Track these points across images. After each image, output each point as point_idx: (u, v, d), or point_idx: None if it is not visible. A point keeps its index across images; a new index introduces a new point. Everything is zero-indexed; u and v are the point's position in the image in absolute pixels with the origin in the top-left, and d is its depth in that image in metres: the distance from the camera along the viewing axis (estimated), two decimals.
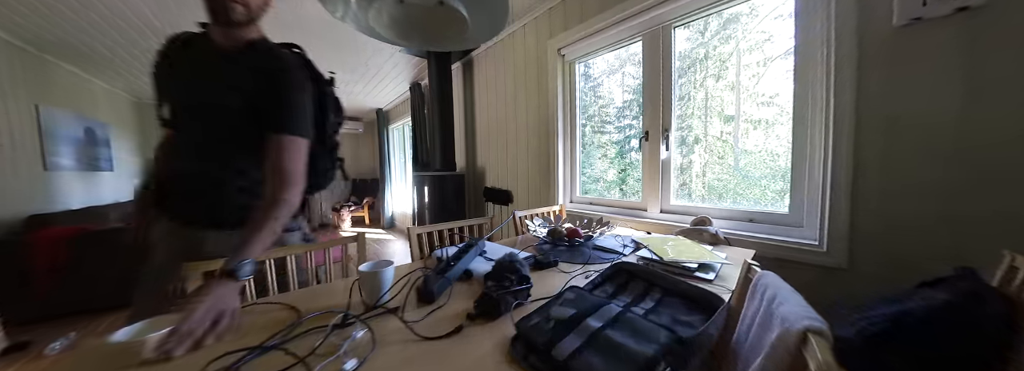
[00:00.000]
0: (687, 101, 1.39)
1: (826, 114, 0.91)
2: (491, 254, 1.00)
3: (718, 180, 1.35)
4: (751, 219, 1.13)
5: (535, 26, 1.90)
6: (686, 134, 1.39)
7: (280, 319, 0.66)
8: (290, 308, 0.70)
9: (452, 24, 0.62)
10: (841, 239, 0.89)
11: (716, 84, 1.35)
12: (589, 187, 1.83)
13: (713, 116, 1.37)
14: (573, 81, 1.79)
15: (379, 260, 0.78)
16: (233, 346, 0.52)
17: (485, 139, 2.46)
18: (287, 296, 0.78)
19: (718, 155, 1.35)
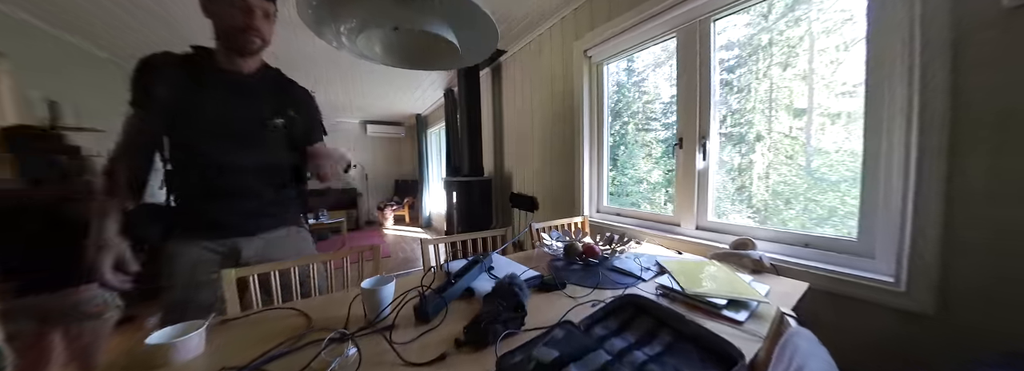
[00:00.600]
0: (746, 94, 1.20)
1: (908, 113, 0.73)
2: (500, 270, 0.97)
3: (785, 184, 1.14)
4: (807, 244, 0.95)
5: (560, 28, 1.83)
6: (745, 131, 1.20)
7: (295, 325, 0.72)
8: (303, 315, 0.76)
9: (442, 49, 0.61)
10: (927, 276, 0.70)
11: (783, 73, 1.14)
12: (630, 189, 1.69)
13: (779, 110, 1.18)
14: (601, 84, 1.69)
15: (382, 276, 0.80)
16: (232, 361, 0.57)
17: (512, 144, 2.44)
18: (309, 302, 0.85)
19: (786, 154, 1.14)
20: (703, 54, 1.20)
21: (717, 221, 1.21)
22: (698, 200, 1.25)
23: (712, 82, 1.19)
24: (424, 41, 0.63)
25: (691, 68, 1.23)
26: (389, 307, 0.73)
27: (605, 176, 1.73)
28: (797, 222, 1.09)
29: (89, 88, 2.17)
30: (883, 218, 0.79)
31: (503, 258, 1.08)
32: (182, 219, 0.83)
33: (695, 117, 1.22)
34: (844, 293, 0.82)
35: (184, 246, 0.82)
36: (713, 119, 1.20)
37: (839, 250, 0.88)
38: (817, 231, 0.97)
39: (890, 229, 0.77)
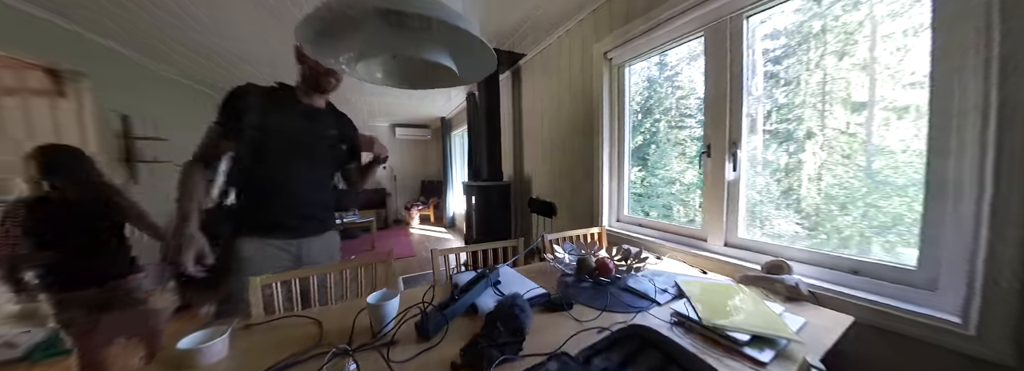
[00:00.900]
0: (795, 87, 1.07)
1: (984, 109, 0.61)
2: (507, 285, 0.96)
3: (840, 186, 1.00)
4: (855, 270, 0.83)
5: (579, 30, 1.77)
6: (793, 127, 1.08)
7: (308, 334, 0.75)
8: (317, 323, 0.79)
9: (441, 73, 0.60)
10: (1005, 318, 0.58)
11: (839, 63, 1.00)
12: (661, 190, 1.59)
13: (834, 103, 1.04)
14: (622, 87, 1.60)
15: (386, 291, 0.82)
16: (250, 367, 0.61)
17: (531, 149, 2.41)
18: (326, 310, 0.88)
19: (842, 153, 1.00)
20: (734, 54, 1.09)
21: (749, 238, 1.10)
22: (727, 214, 1.14)
23: (745, 85, 1.08)
24: (423, 65, 0.63)
25: (721, 70, 1.13)
26: (393, 322, 0.74)
27: (626, 184, 1.65)
28: (854, 230, 0.95)
29: (157, 103, 2.46)
30: (950, 240, 0.67)
31: (512, 271, 1.06)
32: (252, 220, 0.95)
33: (725, 123, 1.12)
34: (897, 331, 0.71)
35: (254, 244, 0.95)
36: (745, 126, 1.09)
37: (894, 279, 0.76)
38: (867, 256, 0.85)
39: (958, 254, 0.65)
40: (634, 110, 1.64)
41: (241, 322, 0.79)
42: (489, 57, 0.60)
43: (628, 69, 1.59)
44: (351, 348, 0.66)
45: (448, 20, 0.49)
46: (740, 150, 1.10)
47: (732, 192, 1.13)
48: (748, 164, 1.12)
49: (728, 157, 1.12)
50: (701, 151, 1.22)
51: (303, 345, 0.68)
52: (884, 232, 0.88)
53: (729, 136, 1.12)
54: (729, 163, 1.12)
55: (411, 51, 0.52)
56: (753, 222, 1.14)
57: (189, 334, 0.67)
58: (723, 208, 1.14)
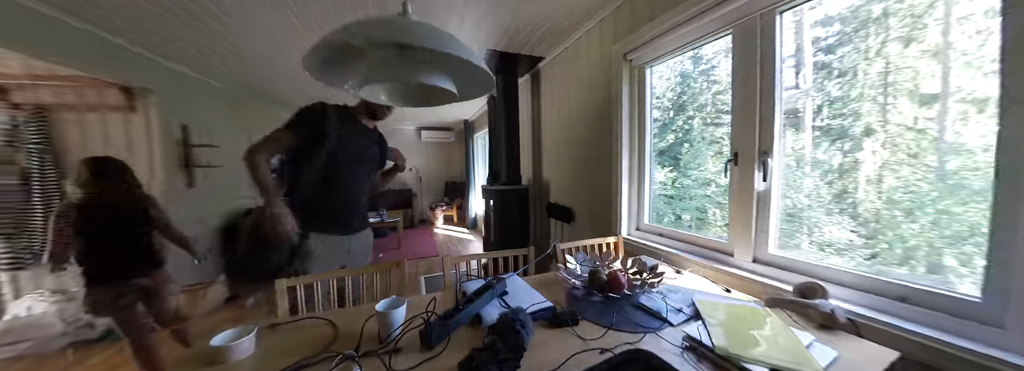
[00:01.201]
0: (850, 78, 0.96)
1: None
2: (514, 296, 0.95)
3: (906, 189, 0.87)
4: (904, 298, 0.73)
5: (599, 30, 1.71)
6: (849, 123, 0.97)
7: (324, 335, 0.79)
8: (333, 326, 0.84)
9: (440, 93, 0.62)
10: None
11: (904, 50, 0.87)
12: (694, 192, 1.49)
13: (899, 95, 0.91)
14: (643, 89, 1.53)
15: (395, 298, 0.85)
16: (271, 365, 0.66)
17: (550, 152, 2.38)
18: (344, 311, 0.93)
19: (907, 152, 0.87)
20: (766, 53, 1.00)
21: (780, 255, 1.00)
22: (756, 228, 1.05)
23: (777, 87, 0.99)
24: (423, 86, 0.65)
25: (750, 70, 1.04)
26: (399, 329, 0.77)
27: (647, 191, 1.57)
28: (922, 239, 0.83)
29: (207, 111, 2.72)
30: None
31: (521, 282, 1.05)
32: (318, 217, 1.12)
33: (754, 128, 1.03)
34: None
35: (319, 237, 1.13)
36: (777, 132, 1.00)
37: (953, 312, 0.66)
38: (920, 280, 0.74)
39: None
40: (665, 107, 1.56)
41: (266, 323, 0.86)
42: (487, 78, 0.61)
43: (650, 70, 1.52)
44: (357, 354, 0.69)
45: (449, 51, 0.49)
46: (771, 158, 1.01)
47: (762, 203, 1.04)
48: (791, 166, 1.03)
49: (758, 165, 1.03)
50: (727, 159, 1.13)
51: (318, 346, 0.72)
52: (958, 243, 0.76)
53: (759, 143, 1.03)
54: (758, 172, 1.03)
55: (413, 77, 0.53)
56: (795, 234, 1.04)
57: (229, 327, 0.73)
58: (752, 221, 1.05)
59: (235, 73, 2.53)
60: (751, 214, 1.05)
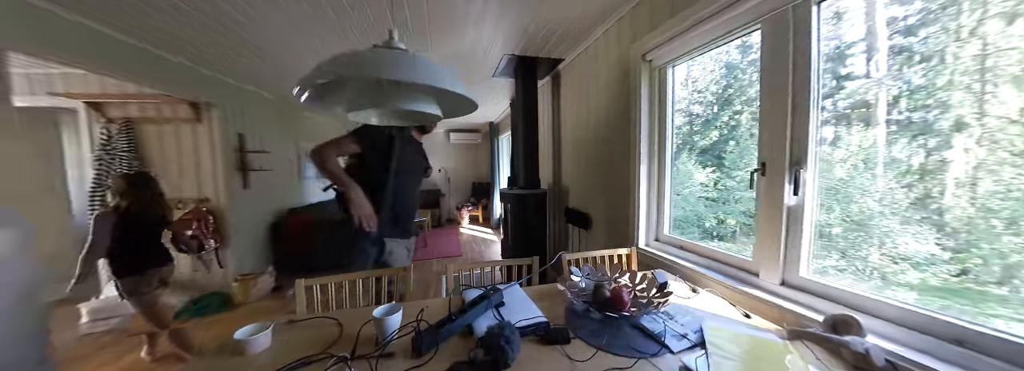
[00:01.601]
0: (936, 64, 0.81)
1: None
2: (511, 307, 0.95)
3: (1008, 195, 0.71)
4: (960, 341, 0.61)
5: (617, 30, 1.63)
6: (933, 116, 0.82)
7: (332, 334, 0.85)
8: (339, 325, 0.90)
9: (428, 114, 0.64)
10: None
11: (1006, 28, 0.71)
12: (740, 194, 1.32)
13: (1000, 82, 0.76)
14: (663, 91, 1.44)
15: (393, 304, 0.88)
16: (283, 359, 0.72)
17: (569, 156, 2.33)
18: (356, 311, 0.99)
19: (1010, 149, 0.70)
20: (800, 50, 0.89)
21: (813, 279, 0.89)
22: (786, 247, 0.94)
23: (813, 88, 0.87)
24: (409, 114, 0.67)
25: (780, 70, 0.92)
26: (394, 334, 0.80)
27: (667, 199, 1.47)
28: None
29: (259, 121, 3.04)
30: None
31: (521, 293, 1.04)
32: (384, 220, 1.28)
33: (784, 135, 0.92)
34: None
35: (393, 241, 1.33)
36: (813, 139, 0.88)
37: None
38: (985, 323, 0.61)
39: None
40: (708, 102, 1.44)
41: (285, 319, 0.94)
42: (467, 101, 0.61)
43: (672, 70, 1.42)
44: (351, 357, 0.73)
45: (417, 81, 0.51)
46: (804, 170, 0.89)
47: (793, 220, 0.92)
48: (858, 166, 0.90)
49: (788, 177, 0.92)
50: (754, 169, 1.02)
51: (325, 344, 0.78)
52: None
53: (790, 152, 0.92)
54: (788, 185, 0.92)
55: (392, 104, 0.56)
56: (849, 250, 0.91)
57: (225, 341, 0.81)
58: (781, 239, 0.94)
59: (283, 87, 2.81)
60: (780, 231, 0.94)
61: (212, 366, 0.74)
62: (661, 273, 1.17)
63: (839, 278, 0.89)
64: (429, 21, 1.65)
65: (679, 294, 1.05)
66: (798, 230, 0.91)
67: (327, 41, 1.84)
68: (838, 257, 0.93)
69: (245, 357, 0.76)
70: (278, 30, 1.70)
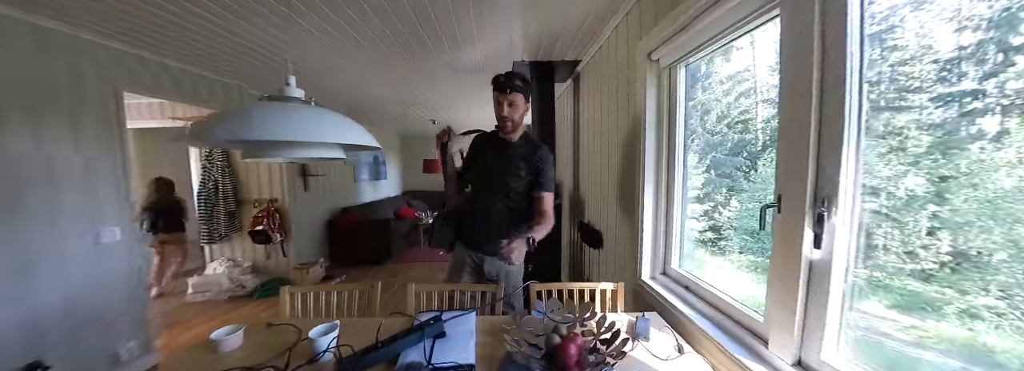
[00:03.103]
0: None
1: None
2: (451, 339, 0.90)
3: None
4: None
5: (625, 25, 1.41)
6: None
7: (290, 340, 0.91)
8: (300, 332, 0.97)
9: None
10: None
11: None
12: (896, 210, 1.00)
13: None
14: (673, 95, 1.19)
15: (331, 324, 0.91)
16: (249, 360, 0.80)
17: (585, 165, 2.12)
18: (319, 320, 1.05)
19: None
20: (832, 43, 0.62)
21: (841, 362, 0.62)
22: (805, 314, 0.68)
23: (848, 92, 0.60)
24: None
25: (803, 69, 0.66)
26: (322, 353, 0.82)
27: (676, 227, 1.22)
28: None
29: None
30: None
31: (471, 324, 0.98)
32: (460, 231, 1.30)
33: (807, 157, 0.66)
34: None
35: (458, 247, 1.31)
36: (848, 165, 0.61)
37: None
38: None
39: None
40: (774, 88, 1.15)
41: (266, 321, 1.05)
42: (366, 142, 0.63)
43: (684, 70, 1.16)
44: (281, 368, 0.78)
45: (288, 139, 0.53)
46: (834, 210, 0.62)
47: (816, 280, 0.66)
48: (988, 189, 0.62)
49: (809, 221, 0.65)
50: (766, 204, 0.77)
51: (280, 350, 0.84)
52: None
53: (814, 183, 0.65)
54: (808, 230, 0.65)
55: (286, 155, 0.58)
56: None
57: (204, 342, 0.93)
58: (797, 302, 0.68)
59: (334, 102, 3.22)
60: (796, 292, 0.68)
61: (186, 361, 0.86)
62: (647, 320, 0.98)
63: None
64: (434, 39, 1.68)
65: (655, 351, 0.85)
66: (822, 294, 0.65)
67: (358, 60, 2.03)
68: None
69: (217, 354, 0.87)
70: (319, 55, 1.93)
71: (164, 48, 1.75)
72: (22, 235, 1.39)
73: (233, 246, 2.94)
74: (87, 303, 1.60)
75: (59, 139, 1.50)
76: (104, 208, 1.66)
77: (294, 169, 3.05)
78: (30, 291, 1.41)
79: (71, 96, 1.53)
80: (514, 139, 1.24)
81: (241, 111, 0.60)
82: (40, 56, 1.44)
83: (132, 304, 1.79)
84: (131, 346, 1.78)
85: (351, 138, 0.68)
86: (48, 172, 1.46)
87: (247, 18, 1.42)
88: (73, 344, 1.54)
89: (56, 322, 1.48)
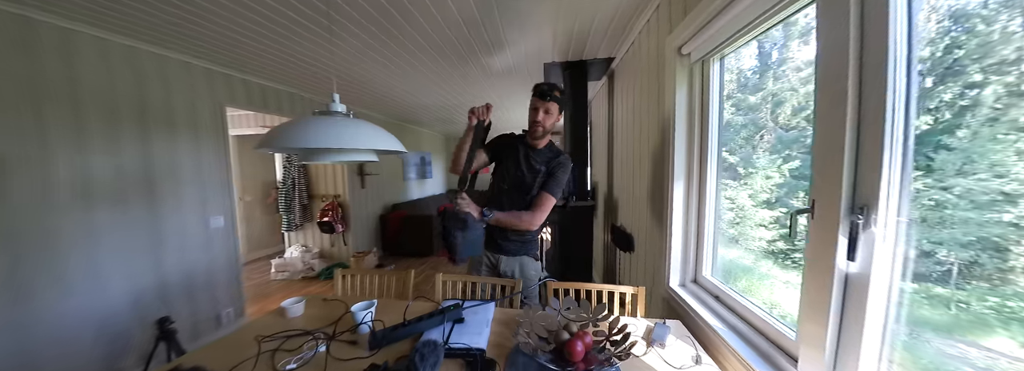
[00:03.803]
0: None
1: None
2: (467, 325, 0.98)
3: None
4: None
5: (656, 21, 1.35)
6: None
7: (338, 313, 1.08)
8: (345, 305, 1.14)
9: None
10: None
11: None
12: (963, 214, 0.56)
13: None
14: (705, 92, 1.11)
15: (371, 301, 1.05)
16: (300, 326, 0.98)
17: (618, 167, 2.06)
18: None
19: None
20: (872, 29, 0.55)
21: None
22: (839, 333, 0.61)
23: (891, 84, 0.53)
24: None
25: (840, 60, 0.60)
26: (361, 325, 0.96)
27: (708, 232, 1.14)
28: None
29: None
30: None
31: (489, 313, 1.04)
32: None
33: (841, 158, 0.59)
34: None
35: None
36: (891, 169, 0.54)
37: None
38: None
39: None
40: (920, 72, 1.00)
41: (323, 296, 1.25)
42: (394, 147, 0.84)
43: (718, 64, 1.08)
44: (329, 335, 0.93)
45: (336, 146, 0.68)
46: (874, 218, 0.55)
47: (853, 297, 0.59)
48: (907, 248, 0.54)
49: (842, 228, 0.59)
50: (795, 210, 0.70)
51: (330, 320, 1.01)
52: None
53: (852, 188, 0.58)
54: (842, 239, 0.59)
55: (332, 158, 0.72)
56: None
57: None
58: (829, 318, 0.61)
59: (387, 108, 3.56)
60: (827, 307, 0.61)
61: (265, 323, 1.07)
62: (666, 327, 0.95)
63: None
64: (479, 44, 1.77)
65: (669, 359, 0.82)
66: (859, 311, 0.58)
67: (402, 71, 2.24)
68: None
69: (285, 319, 1.07)
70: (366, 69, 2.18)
71: (249, 68, 2.12)
72: (157, 219, 1.82)
73: (305, 234, 3.45)
74: (199, 275, 2.03)
75: (182, 146, 1.92)
76: (213, 201, 2.09)
77: (353, 168, 3.45)
78: (161, 262, 1.84)
79: (188, 112, 1.95)
80: (540, 146, 1.26)
81: (295, 125, 0.75)
82: (162, 81, 1.84)
83: (231, 278, 2.22)
84: (229, 311, 2.21)
85: (380, 144, 0.80)
86: (174, 172, 1.89)
87: (313, 42, 1.67)
88: (189, 306, 1.97)
89: (177, 289, 1.91)
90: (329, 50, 1.79)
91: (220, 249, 2.14)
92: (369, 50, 1.82)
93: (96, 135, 1.56)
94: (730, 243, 1.16)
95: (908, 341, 0.56)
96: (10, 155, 1.31)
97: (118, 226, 1.64)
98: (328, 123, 0.76)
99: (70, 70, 1.47)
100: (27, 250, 1.36)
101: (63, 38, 1.45)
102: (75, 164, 1.49)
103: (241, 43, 1.69)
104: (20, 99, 1.34)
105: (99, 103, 1.57)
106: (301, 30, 1.55)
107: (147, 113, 1.76)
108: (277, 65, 2.04)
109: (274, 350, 0.87)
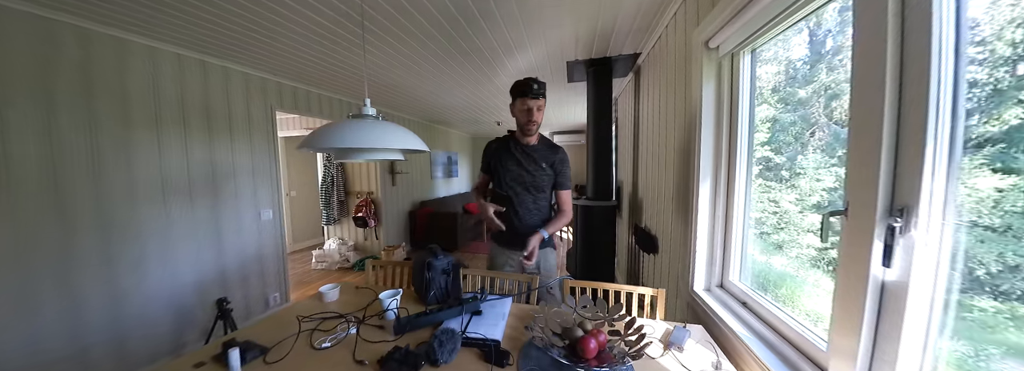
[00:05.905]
0: None
1: None
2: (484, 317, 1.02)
3: None
4: None
5: (683, 14, 1.29)
6: None
7: (367, 300, 1.18)
8: (374, 293, 1.24)
9: None
10: None
11: None
12: None
13: None
14: (735, 88, 1.06)
15: (398, 290, 1.13)
16: (314, 312, 1.09)
17: (643, 167, 2.00)
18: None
19: None
20: (915, 21, 0.51)
21: None
22: (874, 344, 0.57)
23: (934, 75, 0.49)
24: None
25: (875, 49, 0.55)
26: (388, 311, 1.04)
27: (737, 234, 1.09)
28: None
29: None
30: None
31: (506, 307, 1.08)
32: (497, 233, 1.37)
33: (878, 158, 0.55)
34: None
35: (496, 249, 1.41)
36: (930, 164, 0.49)
37: None
38: None
39: None
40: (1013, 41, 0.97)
41: (355, 283, 1.36)
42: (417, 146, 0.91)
43: (748, 57, 1.03)
44: (359, 319, 1.02)
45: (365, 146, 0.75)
46: (914, 222, 0.51)
47: (889, 306, 0.55)
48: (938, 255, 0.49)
49: (879, 232, 0.55)
50: (831, 211, 0.65)
51: (363, 306, 1.11)
52: None
53: (891, 188, 0.54)
54: (878, 243, 0.54)
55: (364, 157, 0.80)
56: None
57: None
58: (863, 331, 0.57)
59: (416, 109, 3.72)
60: (861, 316, 0.57)
61: (305, 305, 1.19)
62: (686, 331, 0.93)
63: None
64: (499, 47, 1.82)
65: (687, 363, 0.81)
66: (896, 324, 0.53)
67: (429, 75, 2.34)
68: None
69: (323, 303, 1.19)
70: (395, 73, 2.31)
71: (294, 75, 2.33)
72: (219, 211, 2.06)
73: (342, 228, 3.72)
74: (251, 262, 2.27)
75: (239, 147, 2.16)
76: (264, 196, 2.32)
77: (384, 167, 3.66)
78: (221, 250, 2.08)
79: (244, 116, 2.19)
80: (533, 142, 1.32)
81: (330, 127, 0.83)
82: (223, 90, 2.08)
83: (277, 266, 2.46)
84: (276, 295, 2.45)
85: (405, 144, 0.87)
86: (232, 170, 2.13)
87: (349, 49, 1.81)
88: (242, 290, 2.21)
89: (234, 273, 2.15)
90: (362, 57, 1.92)
91: (269, 239, 2.38)
92: (398, 55, 1.92)
93: (172, 140, 1.81)
94: (773, 249, 1.09)
95: (962, 357, 0.51)
96: (107, 160, 1.57)
97: (185, 218, 1.89)
98: (359, 125, 0.84)
99: (154, 84, 1.72)
100: (119, 237, 1.62)
101: (148, 54, 1.70)
102: (154, 165, 1.75)
103: (289, 53, 1.86)
104: (114, 114, 1.60)
105: (173, 112, 1.82)
106: (339, 39, 1.68)
107: (213, 119, 2.00)
108: (318, 71, 2.22)
109: (312, 330, 0.97)
